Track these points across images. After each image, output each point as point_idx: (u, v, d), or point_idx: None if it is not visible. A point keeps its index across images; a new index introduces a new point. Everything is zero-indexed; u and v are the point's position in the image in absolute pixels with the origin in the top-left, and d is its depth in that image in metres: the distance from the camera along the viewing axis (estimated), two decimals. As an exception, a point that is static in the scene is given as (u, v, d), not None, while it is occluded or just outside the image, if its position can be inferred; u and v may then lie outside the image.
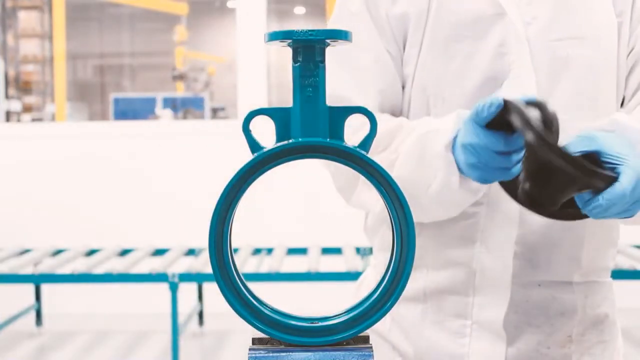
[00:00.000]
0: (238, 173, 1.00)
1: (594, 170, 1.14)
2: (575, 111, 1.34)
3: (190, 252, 5.12)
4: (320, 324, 0.99)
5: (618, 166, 1.14)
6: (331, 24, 1.43)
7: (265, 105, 4.96)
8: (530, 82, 1.33)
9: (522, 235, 1.35)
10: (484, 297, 1.37)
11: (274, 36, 1.00)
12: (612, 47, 1.37)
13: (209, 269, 4.20)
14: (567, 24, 1.35)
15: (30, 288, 5.65)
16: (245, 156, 0.99)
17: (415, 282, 1.40)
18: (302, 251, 5.04)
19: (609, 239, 1.44)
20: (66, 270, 4.58)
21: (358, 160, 1.01)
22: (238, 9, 6.12)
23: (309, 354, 0.98)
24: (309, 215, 5.85)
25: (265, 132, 1.10)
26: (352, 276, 4.13)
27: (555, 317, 1.38)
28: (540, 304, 1.37)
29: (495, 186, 1.30)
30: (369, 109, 1.16)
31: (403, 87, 1.41)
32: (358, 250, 4.95)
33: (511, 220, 1.35)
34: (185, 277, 4.39)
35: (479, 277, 1.36)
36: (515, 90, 1.28)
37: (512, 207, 1.33)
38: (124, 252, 5.11)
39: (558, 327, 1.38)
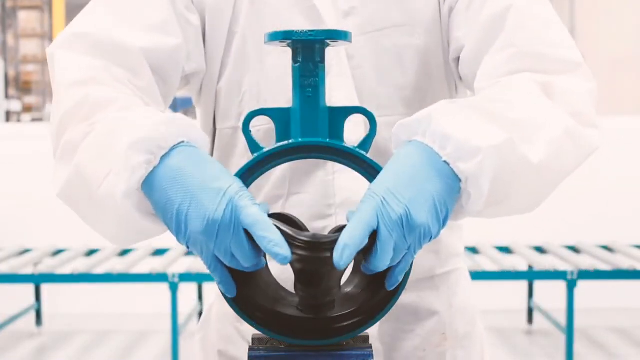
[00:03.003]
0: (238, 173, 1.00)
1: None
2: (402, 107, 1.27)
3: (190, 252, 5.10)
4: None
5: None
6: None
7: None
8: (347, 80, 1.25)
9: None
10: None
11: (274, 36, 1.00)
12: (438, 34, 1.28)
13: (209, 269, 4.19)
14: (389, 12, 1.27)
15: (30, 288, 5.65)
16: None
17: None
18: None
19: (456, 223, 1.38)
20: (66, 270, 4.58)
21: (358, 161, 1.01)
22: (238, 9, 6.11)
23: (309, 353, 0.98)
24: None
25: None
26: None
27: (426, 317, 1.34)
28: (410, 307, 1.33)
29: (342, 193, 1.26)
30: (127, 42, 1.13)
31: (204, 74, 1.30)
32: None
33: None
34: (185, 277, 4.39)
35: None
36: (337, 91, 1.22)
37: None
38: (124, 252, 5.11)
39: (431, 328, 1.35)
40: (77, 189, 1.04)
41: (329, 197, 1.27)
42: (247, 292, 0.98)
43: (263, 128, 1.22)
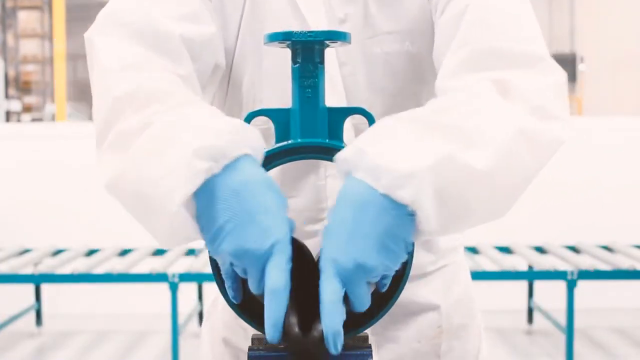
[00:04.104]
0: (237, 173, 1.00)
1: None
2: (395, 114, 1.24)
3: (190, 252, 5.11)
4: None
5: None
6: None
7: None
8: (338, 88, 1.24)
9: None
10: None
11: (273, 37, 1.00)
12: (431, 40, 1.26)
13: (209, 269, 4.19)
14: (381, 19, 1.25)
15: (30, 288, 5.65)
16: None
17: None
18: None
19: None
20: (66, 270, 4.58)
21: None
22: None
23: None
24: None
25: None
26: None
27: (420, 311, 1.34)
28: (402, 303, 1.29)
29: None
30: (167, 29, 1.12)
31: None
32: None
33: None
34: (185, 277, 4.39)
35: None
36: (328, 98, 1.15)
37: None
38: (124, 252, 5.11)
39: (426, 321, 1.34)
40: (128, 184, 1.00)
41: (321, 202, 1.27)
42: (249, 295, 0.98)
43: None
